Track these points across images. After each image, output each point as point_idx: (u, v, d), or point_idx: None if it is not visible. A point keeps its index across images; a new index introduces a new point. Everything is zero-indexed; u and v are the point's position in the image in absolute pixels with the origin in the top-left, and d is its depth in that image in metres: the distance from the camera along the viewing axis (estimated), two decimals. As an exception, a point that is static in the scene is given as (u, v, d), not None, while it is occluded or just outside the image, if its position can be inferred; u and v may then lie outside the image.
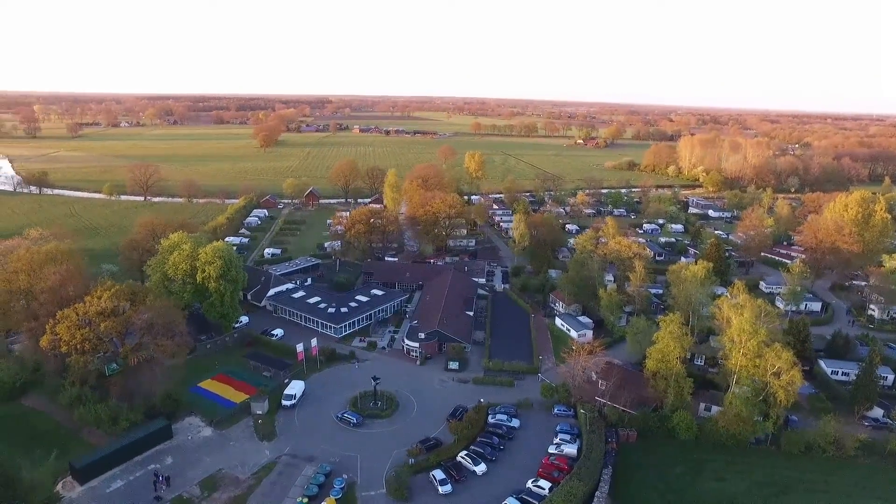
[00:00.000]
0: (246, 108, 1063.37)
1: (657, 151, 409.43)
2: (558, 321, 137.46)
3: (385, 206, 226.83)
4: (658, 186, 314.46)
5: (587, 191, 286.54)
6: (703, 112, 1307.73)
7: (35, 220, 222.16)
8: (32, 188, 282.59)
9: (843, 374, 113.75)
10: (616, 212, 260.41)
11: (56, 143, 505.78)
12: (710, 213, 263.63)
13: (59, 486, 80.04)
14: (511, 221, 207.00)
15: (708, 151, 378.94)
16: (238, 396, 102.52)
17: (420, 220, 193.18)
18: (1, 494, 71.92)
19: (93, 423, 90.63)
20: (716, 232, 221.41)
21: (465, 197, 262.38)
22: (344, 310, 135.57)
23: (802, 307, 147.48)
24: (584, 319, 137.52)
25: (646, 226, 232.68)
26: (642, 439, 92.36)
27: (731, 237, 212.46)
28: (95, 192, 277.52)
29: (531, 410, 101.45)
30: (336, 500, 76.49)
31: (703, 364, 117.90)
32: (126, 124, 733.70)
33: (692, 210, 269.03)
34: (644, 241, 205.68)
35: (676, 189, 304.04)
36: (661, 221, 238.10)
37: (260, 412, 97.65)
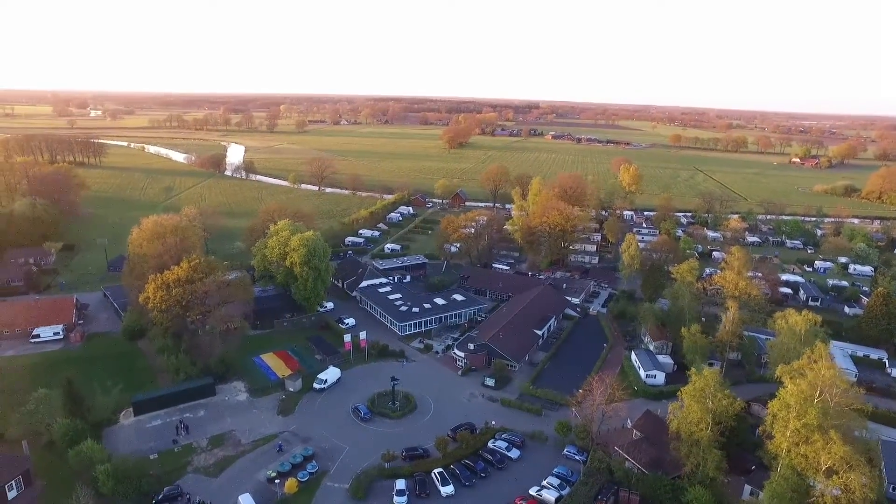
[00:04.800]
0: (455, 110, 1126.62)
1: (888, 175, 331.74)
2: (633, 356, 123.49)
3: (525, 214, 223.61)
4: (866, 217, 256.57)
5: (762, 216, 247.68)
6: None
7: (229, 199, 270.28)
8: (242, 174, 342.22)
9: None
10: (790, 243, 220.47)
11: (284, 137, 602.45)
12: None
13: (122, 414, 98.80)
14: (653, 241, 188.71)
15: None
16: (284, 372, 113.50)
17: (535, 231, 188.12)
18: (70, 409, 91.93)
19: (165, 369, 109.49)
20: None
21: (616, 211, 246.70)
22: (415, 310, 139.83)
23: None
24: (665, 360, 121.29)
25: (818, 263, 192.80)
26: (646, 508, 79.53)
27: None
28: (284, 180, 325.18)
29: (543, 445, 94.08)
30: (299, 482, 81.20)
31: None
32: (345, 122, 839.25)
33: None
34: (804, 280, 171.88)
35: (890, 223, 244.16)
36: (843, 260, 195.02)
37: (292, 389, 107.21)
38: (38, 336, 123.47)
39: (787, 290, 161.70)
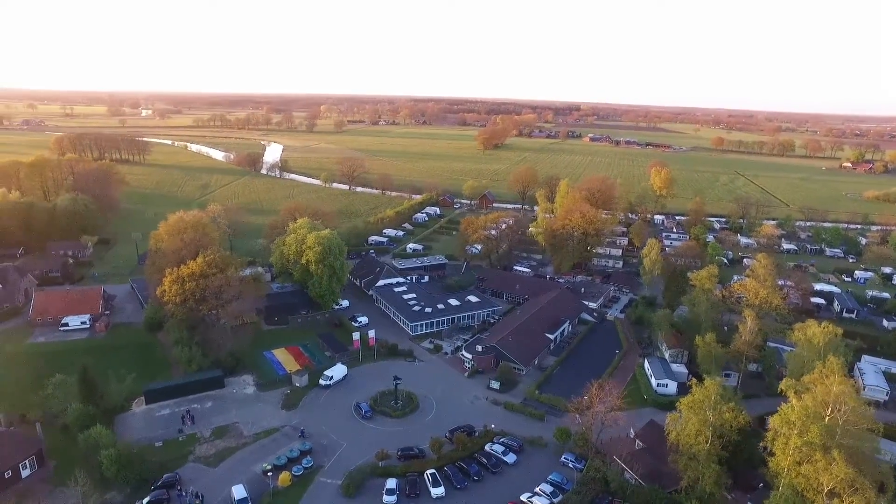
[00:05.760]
0: (495, 111, 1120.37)
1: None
2: (646, 364, 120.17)
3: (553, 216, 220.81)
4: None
5: (801, 223, 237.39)
6: None
7: (261, 197, 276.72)
8: (277, 172, 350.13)
9: None
10: (829, 251, 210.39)
11: (322, 137, 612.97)
12: None
13: (134, 402, 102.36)
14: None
15: None
16: (293, 367, 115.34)
17: (556, 233, 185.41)
18: (84, 395, 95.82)
19: (180, 361, 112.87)
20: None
21: (645, 215, 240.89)
22: (428, 310, 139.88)
23: None
24: (679, 369, 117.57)
25: (858, 273, 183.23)
26: (641, 520, 77.21)
27: None
28: (317, 179, 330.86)
29: (541, 450, 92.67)
30: (293, 476, 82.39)
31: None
32: (384, 122, 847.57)
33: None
34: (839, 290, 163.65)
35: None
36: (886, 270, 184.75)
37: (298, 385, 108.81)
38: (66, 324, 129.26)
39: (821, 301, 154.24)
